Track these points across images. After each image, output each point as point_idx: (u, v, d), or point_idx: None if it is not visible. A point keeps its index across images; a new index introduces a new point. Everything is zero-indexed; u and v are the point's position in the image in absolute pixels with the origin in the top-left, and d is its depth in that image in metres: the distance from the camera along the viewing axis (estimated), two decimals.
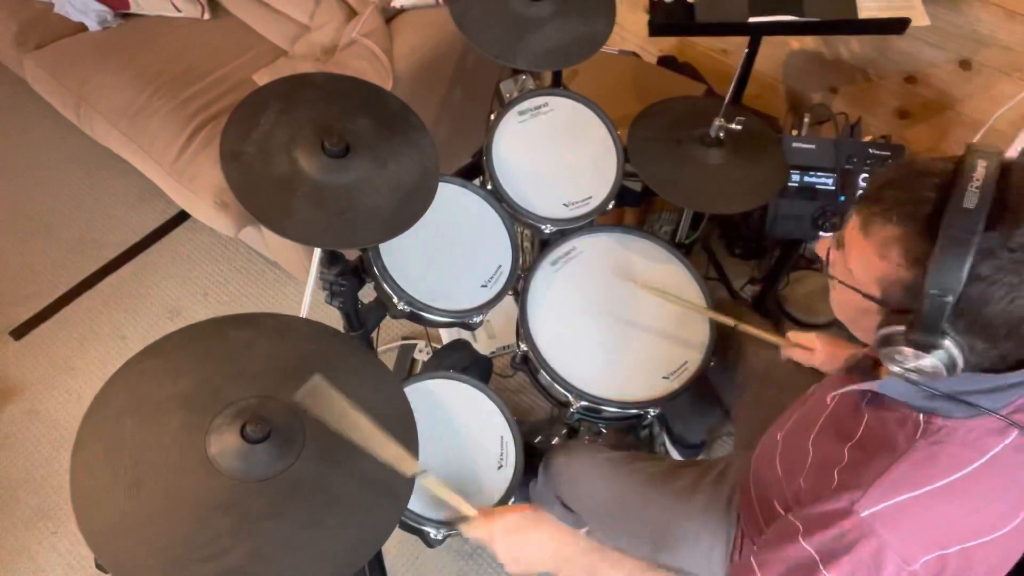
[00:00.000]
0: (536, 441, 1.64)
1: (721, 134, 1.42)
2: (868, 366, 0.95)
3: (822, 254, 0.88)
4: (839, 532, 0.78)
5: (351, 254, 1.33)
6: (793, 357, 1.27)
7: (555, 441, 1.60)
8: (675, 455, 1.84)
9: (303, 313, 1.45)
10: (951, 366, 0.74)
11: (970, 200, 0.68)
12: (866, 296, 0.79)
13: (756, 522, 1.08)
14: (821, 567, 0.78)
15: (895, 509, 0.76)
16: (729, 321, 1.31)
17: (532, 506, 1.02)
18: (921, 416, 0.80)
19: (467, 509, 1.03)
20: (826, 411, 0.95)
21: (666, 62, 2.23)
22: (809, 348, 1.24)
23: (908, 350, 0.75)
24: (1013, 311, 0.70)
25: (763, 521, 1.06)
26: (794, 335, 1.27)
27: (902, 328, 0.74)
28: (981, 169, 0.70)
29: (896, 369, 0.78)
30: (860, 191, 1.61)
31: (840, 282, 0.83)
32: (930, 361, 0.74)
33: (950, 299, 0.69)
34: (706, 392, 1.47)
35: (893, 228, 0.74)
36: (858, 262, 0.79)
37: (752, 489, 1.10)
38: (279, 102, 1.13)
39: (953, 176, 0.71)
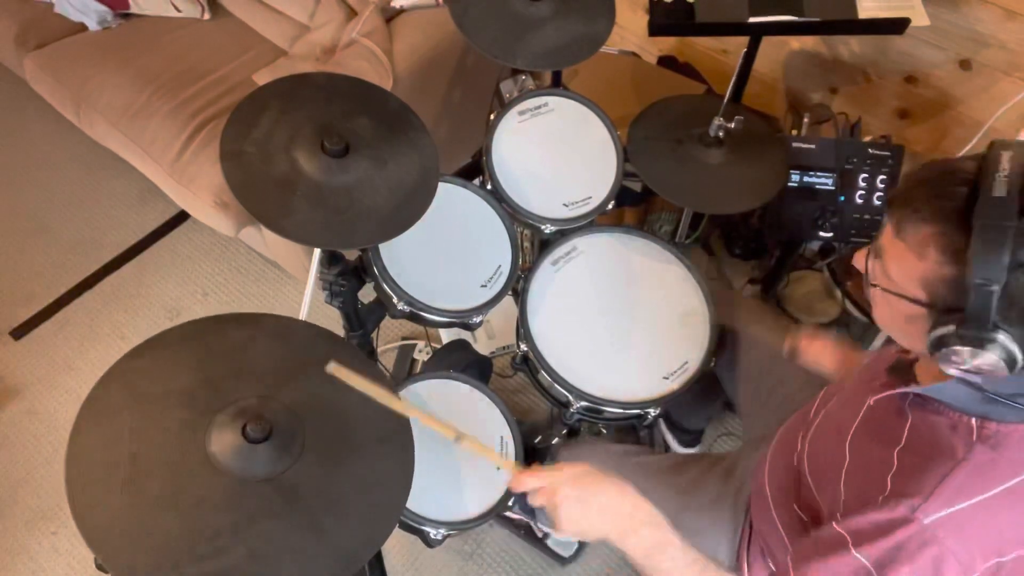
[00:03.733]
0: (536, 441, 1.64)
1: (721, 134, 1.42)
2: (907, 367, 0.93)
3: (859, 266, 0.86)
4: (899, 541, 0.76)
5: (351, 254, 1.33)
6: (795, 357, 1.26)
7: (555, 441, 1.60)
8: (672, 443, 1.83)
9: (303, 313, 1.45)
10: (1011, 361, 0.72)
11: (999, 189, 0.68)
12: (912, 300, 0.77)
13: (770, 520, 1.07)
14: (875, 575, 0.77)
15: (958, 516, 0.75)
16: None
17: (586, 464, 0.93)
18: (974, 420, 0.79)
19: (508, 465, 0.99)
20: (861, 412, 0.94)
21: (666, 62, 2.24)
22: (816, 347, 1.23)
23: (964, 349, 0.72)
24: None
25: (779, 522, 1.05)
26: (807, 335, 1.26)
27: (954, 327, 0.72)
28: (1006, 159, 0.70)
29: (954, 372, 0.76)
30: (866, 195, 1.61)
31: (884, 290, 0.81)
32: (989, 358, 0.72)
33: (995, 288, 0.68)
34: (707, 380, 1.47)
35: (927, 226, 0.73)
36: (896, 267, 0.77)
37: (767, 487, 1.10)
38: (279, 102, 1.13)
39: (979, 169, 0.71)
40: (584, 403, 1.31)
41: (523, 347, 1.36)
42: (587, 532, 0.91)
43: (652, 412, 1.32)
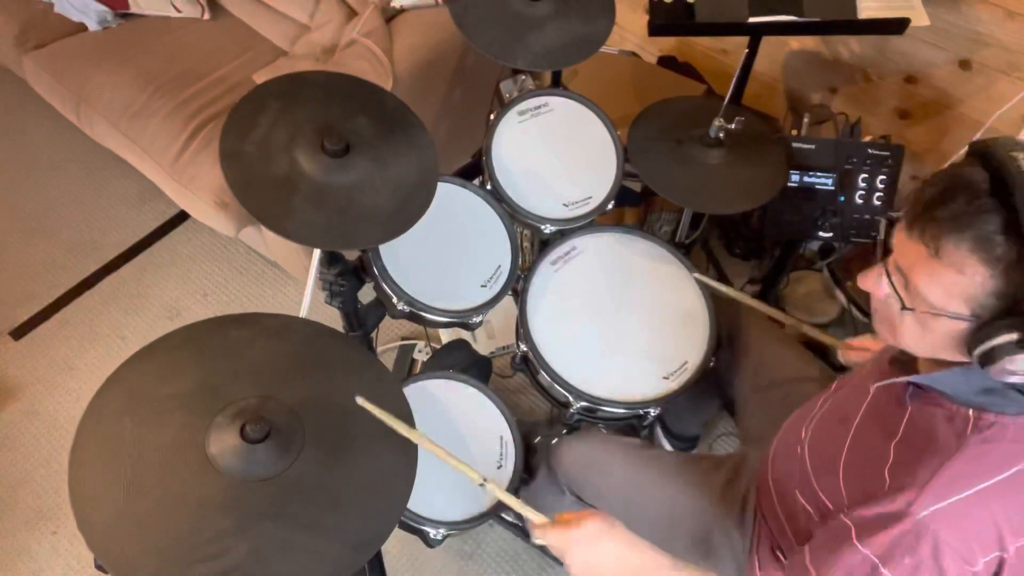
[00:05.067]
0: (536, 441, 1.64)
1: (721, 134, 1.42)
2: (909, 359, 0.93)
3: (874, 292, 0.84)
4: (897, 535, 0.77)
5: (351, 254, 1.33)
6: (851, 359, 1.26)
7: (555, 441, 1.60)
8: (667, 449, 1.83)
9: (303, 313, 1.45)
10: None
11: None
12: (954, 317, 0.75)
13: (775, 513, 1.08)
14: (882, 568, 0.77)
15: (953, 508, 0.76)
16: (789, 319, 1.32)
17: (602, 514, 0.98)
18: (971, 411, 0.79)
19: (537, 517, 1.01)
20: (865, 402, 0.94)
21: (666, 62, 2.23)
22: (868, 348, 1.23)
23: None
24: None
25: (782, 513, 1.06)
26: (852, 341, 1.27)
27: (1014, 336, 0.71)
28: (1021, 154, 0.69)
29: (1016, 379, 0.74)
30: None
31: (925, 312, 0.78)
32: None
33: None
34: (702, 386, 1.47)
35: (968, 242, 0.71)
36: (934, 287, 0.75)
37: (771, 480, 1.10)
38: (278, 101, 1.12)
39: (999, 176, 0.70)
40: (584, 403, 1.31)
41: (523, 347, 1.36)
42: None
43: (652, 412, 1.32)
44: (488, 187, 1.43)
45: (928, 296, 0.77)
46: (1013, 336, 0.71)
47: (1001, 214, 0.70)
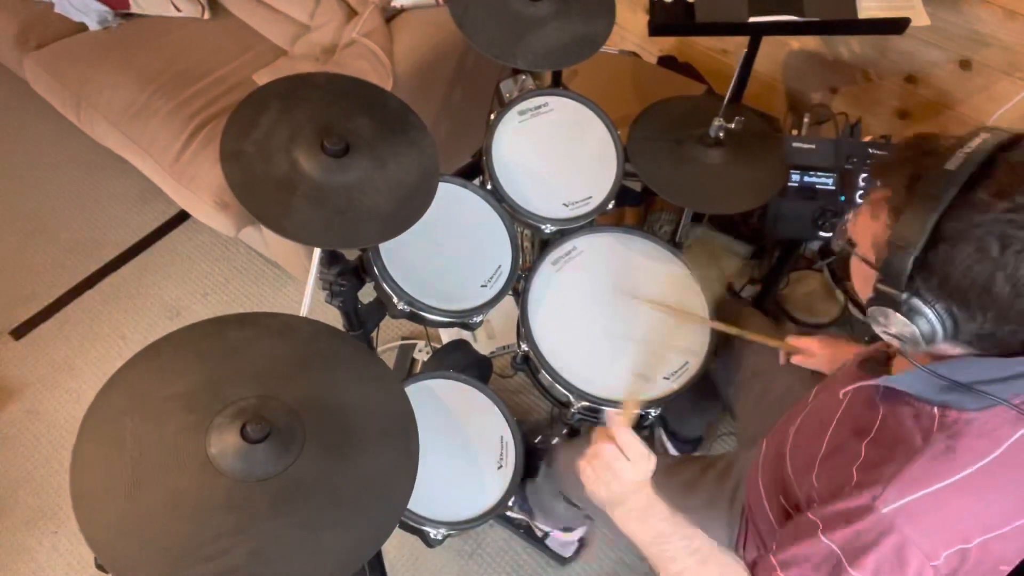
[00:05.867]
0: (536, 441, 1.64)
1: (721, 134, 1.42)
2: (881, 360, 0.94)
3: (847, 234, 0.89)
4: (861, 529, 0.78)
5: (351, 254, 1.33)
6: (793, 361, 1.27)
7: (555, 441, 1.61)
8: (672, 450, 1.84)
9: (303, 313, 1.45)
10: (930, 333, 0.75)
11: (953, 163, 0.70)
12: (864, 261, 0.80)
13: (765, 516, 1.08)
14: (846, 565, 0.78)
15: (916, 504, 0.76)
16: (732, 330, 1.31)
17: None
18: (935, 409, 0.80)
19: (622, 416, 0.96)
20: (840, 407, 0.95)
21: (666, 62, 2.24)
22: (809, 353, 1.24)
23: (889, 311, 0.76)
24: (975, 277, 0.70)
25: (772, 515, 1.06)
26: (794, 339, 1.27)
27: (881, 287, 0.76)
28: (978, 139, 0.72)
29: (880, 333, 0.79)
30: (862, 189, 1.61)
31: (855, 255, 0.83)
32: (903, 322, 0.75)
33: (912, 252, 0.71)
34: (705, 388, 1.47)
35: (884, 189, 0.76)
36: (859, 228, 0.81)
37: (760, 483, 1.10)
38: (279, 102, 1.13)
39: (953, 145, 0.73)
40: (585, 403, 1.31)
41: (524, 347, 1.36)
42: (612, 496, 0.94)
43: (652, 412, 1.32)
44: (488, 187, 1.43)
45: (856, 237, 0.82)
46: (880, 287, 0.76)
47: (920, 173, 0.73)
